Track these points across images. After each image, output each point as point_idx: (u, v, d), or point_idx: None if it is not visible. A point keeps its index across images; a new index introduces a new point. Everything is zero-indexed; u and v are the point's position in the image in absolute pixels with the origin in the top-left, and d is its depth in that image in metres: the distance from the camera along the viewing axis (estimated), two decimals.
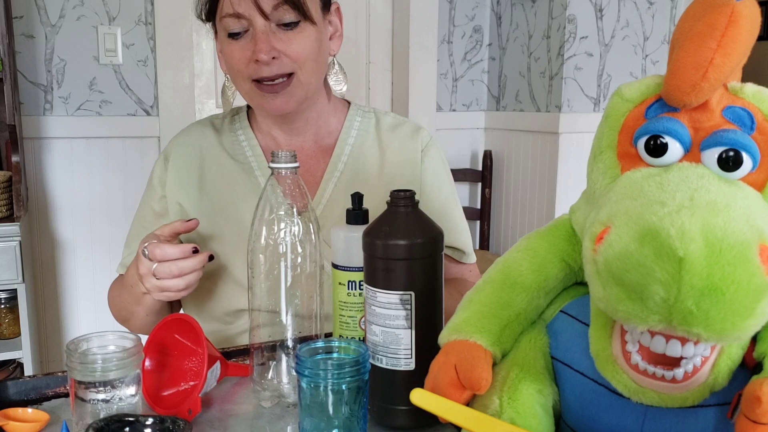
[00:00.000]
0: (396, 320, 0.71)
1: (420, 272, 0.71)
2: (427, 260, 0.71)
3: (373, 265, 0.72)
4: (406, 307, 0.71)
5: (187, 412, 0.72)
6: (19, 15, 2.17)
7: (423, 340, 0.71)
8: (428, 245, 0.71)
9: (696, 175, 0.52)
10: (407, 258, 0.70)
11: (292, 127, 1.09)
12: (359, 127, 1.13)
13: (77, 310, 2.38)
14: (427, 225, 0.73)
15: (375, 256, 0.72)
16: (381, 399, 0.73)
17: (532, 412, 0.60)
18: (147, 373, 0.77)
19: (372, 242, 0.72)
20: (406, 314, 0.71)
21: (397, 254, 0.70)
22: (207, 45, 2.49)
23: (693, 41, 0.52)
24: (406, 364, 0.71)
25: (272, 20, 0.97)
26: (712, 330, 0.47)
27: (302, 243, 0.78)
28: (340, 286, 0.86)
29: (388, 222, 0.72)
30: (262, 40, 0.97)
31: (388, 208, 0.73)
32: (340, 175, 1.09)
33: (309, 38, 1.00)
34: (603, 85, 2.47)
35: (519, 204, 2.67)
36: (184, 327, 0.79)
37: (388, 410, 0.73)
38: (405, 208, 0.73)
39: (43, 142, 2.26)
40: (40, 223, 2.29)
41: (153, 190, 1.12)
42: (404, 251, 0.70)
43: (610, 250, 0.50)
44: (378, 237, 0.72)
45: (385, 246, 0.71)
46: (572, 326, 0.64)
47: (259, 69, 0.98)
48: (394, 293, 0.71)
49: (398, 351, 0.71)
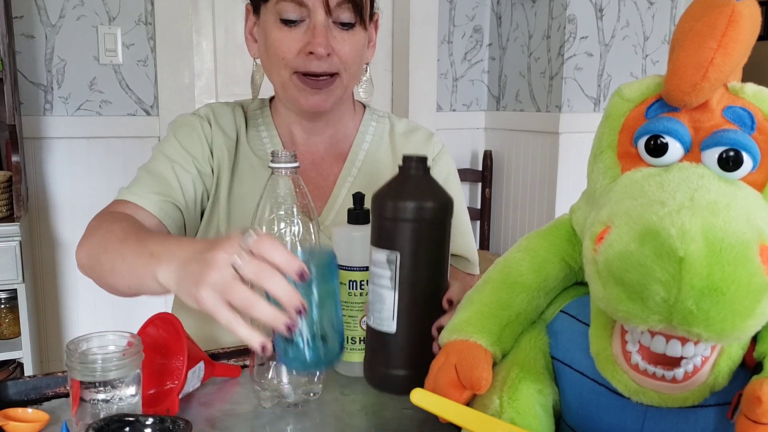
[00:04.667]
0: (382, 279, 0.72)
1: (409, 234, 0.71)
2: (418, 223, 0.71)
3: (373, 222, 0.74)
4: (391, 267, 0.71)
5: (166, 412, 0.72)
6: (19, 15, 2.17)
7: (406, 304, 0.72)
8: (420, 209, 0.71)
9: (696, 175, 0.52)
10: (395, 218, 0.71)
11: (313, 125, 1.08)
12: (374, 132, 1.13)
13: (77, 310, 2.38)
14: (428, 191, 0.73)
15: (374, 212, 0.74)
16: (368, 357, 0.76)
17: (532, 412, 0.60)
18: None
19: (373, 198, 0.74)
20: (390, 275, 0.71)
21: (386, 212, 0.72)
22: (207, 45, 2.49)
23: (693, 41, 0.52)
24: (387, 326, 0.73)
25: (332, 17, 0.97)
26: (712, 330, 0.47)
27: (302, 243, 0.78)
28: (340, 286, 0.86)
29: (393, 183, 0.74)
30: (322, 34, 0.96)
31: (398, 170, 0.75)
32: (354, 180, 1.09)
33: (359, 42, 1.00)
34: (603, 85, 2.47)
35: (519, 204, 2.67)
36: (168, 326, 0.79)
37: (372, 369, 0.76)
38: (413, 171, 0.73)
39: (43, 142, 2.26)
40: (40, 223, 2.29)
41: (191, 141, 1.02)
42: (392, 210, 0.71)
43: (610, 250, 0.50)
44: (378, 194, 0.74)
45: (380, 203, 0.73)
46: (572, 326, 0.64)
47: (310, 62, 0.97)
48: (382, 251, 0.72)
49: (382, 311, 0.72)
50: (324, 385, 0.83)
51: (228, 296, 0.63)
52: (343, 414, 0.78)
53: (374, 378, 0.76)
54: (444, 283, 0.76)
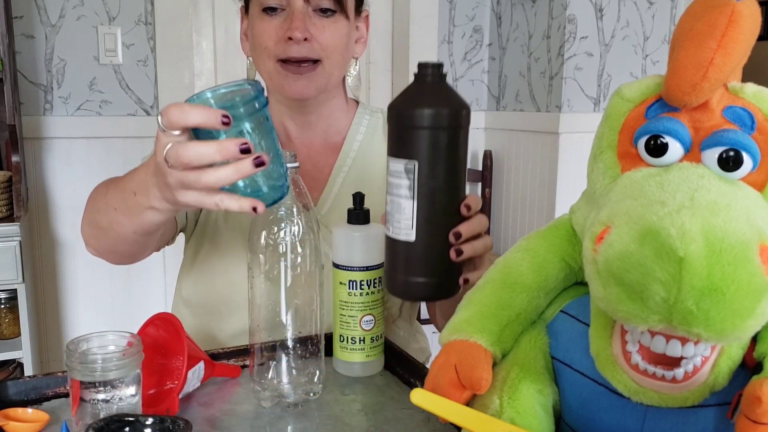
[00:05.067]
0: (400, 189, 0.71)
1: (427, 142, 0.70)
2: (435, 131, 0.70)
3: (390, 131, 0.73)
4: (409, 177, 0.70)
5: (166, 412, 0.72)
6: (19, 15, 2.17)
7: (425, 213, 0.71)
8: (437, 116, 0.70)
9: (696, 175, 0.52)
10: (413, 126, 0.70)
11: (305, 119, 1.10)
12: (368, 125, 1.15)
13: (77, 310, 2.38)
14: (444, 97, 0.72)
15: (390, 121, 0.72)
16: (389, 267, 0.75)
17: (532, 412, 0.60)
18: None
19: (389, 108, 0.72)
20: (408, 184, 0.71)
21: (403, 121, 0.71)
22: (207, 45, 2.49)
23: (693, 41, 0.52)
24: (406, 235, 0.72)
25: (311, 4, 0.99)
26: (712, 330, 0.47)
27: (302, 243, 0.78)
28: (340, 286, 0.86)
29: (409, 91, 0.73)
30: (299, 19, 0.98)
31: (414, 78, 0.73)
32: (348, 170, 1.11)
33: (340, 30, 1.02)
34: (603, 85, 2.47)
35: (519, 204, 2.67)
36: (168, 326, 0.79)
37: (392, 278, 0.75)
38: (429, 78, 0.72)
39: (43, 142, 2.26)
40: (40, 223, 2.29)
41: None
42: (409, 118, 0.70)
43: (610, 250, 0.50)
44: (394, 103, 0.72)
45: (396, 112, 0.71)
46: (572, 326, 0.64)
47: (289, 48, 0.99)
48: (399, 161, 0.71)
49: (401, 221, 0.72)
50: (324, 385, 0.83)
51: (197, 187, 0.66)
52: (343, 414, 0.78)
53: (395, 287, 0.75)
54: (461, 192, 0.74)
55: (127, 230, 0.84)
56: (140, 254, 0.96)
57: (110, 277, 2.39)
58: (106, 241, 0.90)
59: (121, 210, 0.82)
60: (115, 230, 0.85)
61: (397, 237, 0.72)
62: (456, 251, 0.72)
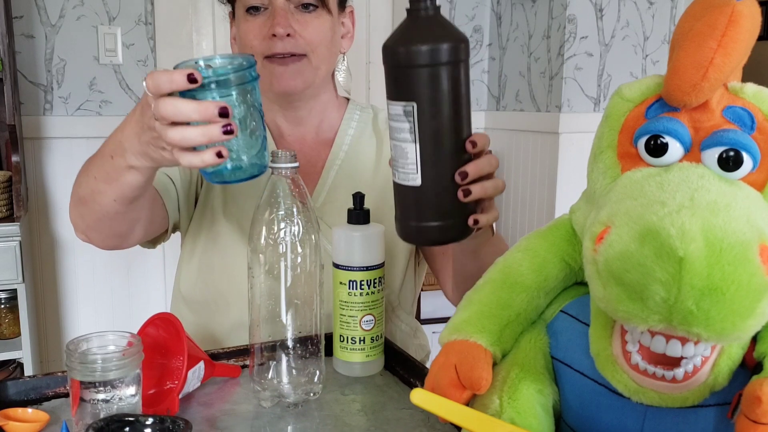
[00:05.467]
0: (401, 133, 0.69)
1: (423, 82, 0.67)
2: (431, 69, 0.66)
3: (386, 74, 0.70)
4: (409, 119, 0.68)
5: (166, 412, 0.72)
6: (19, 15, 2.17)
7: (429, 155, 0.69)
8: (434, 52, 0.66)
9: (696, 175, 0.52)
10: (407, 65, 0.67)
11: (297, 115, 1.11)
12: (359, 119, 1.16)
13: (77, 310, 2.38)
14: (439, 31, 0.67)
15: (385, 63, 0.69)
16: (399, 213, 0.74)
17: (532, 412, 0.60)
18: None
19: (384, 48, 0.69)
20: (409, 127, 0.69)
21: (398, 61, 0.67)
22: (207, 45, 2.49)
23: (693, 41, 0.52)
24: (413, 180, 0.70)
25: (292, 1, 1.01)
26: (712, 330, 0.47)
27: (302, 243, 0.78)
28: (340, 286, 0.86)
29: (402, 28, 0.69)
30: (281, 16, 1.00)
31: (407, 14, 0.69)
32: (341, 164, 1.12)
33: (324, 25, 1.03)
34: (603, 85, 2.47)
35: (519, 204, 2.67)
36: (168, 326, 0.79)
37: (404, 224, 0.73)
38: (422, 12, 0.67)
39: (43, 142, 2.26)
40: (40, 223, 2.29)
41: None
42: (404, 58, 0.67)
43: (610, 250, 0.50)
44: (387, 42, 0.69)
45: (390, 51, 0.68)
46: (572, 326, 0.64)
47: (274, 44, 1.00)
48: (397, 104, 0.69)
49: (405, 165, 0.70)
50: (324, 385, 0.83)
51: (170, 143, 0.67)
52: (343, 414, 0.78)
53: (407, 233, 0.74)
54: (465, 131, 0.71)
55: (108, 199, 0.83)
56: (128, 234, 0.95)
57: (110, 277, 2.39)
58: (90, 216, 0.89)
59: (101, 177, 0.82)
60: (98, 201, 0.85)
61: (404, 182, 0.70)
62: (464, 191, 0.70)
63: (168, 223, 1.05)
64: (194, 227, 1.10)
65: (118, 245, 0.97)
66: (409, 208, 0.72)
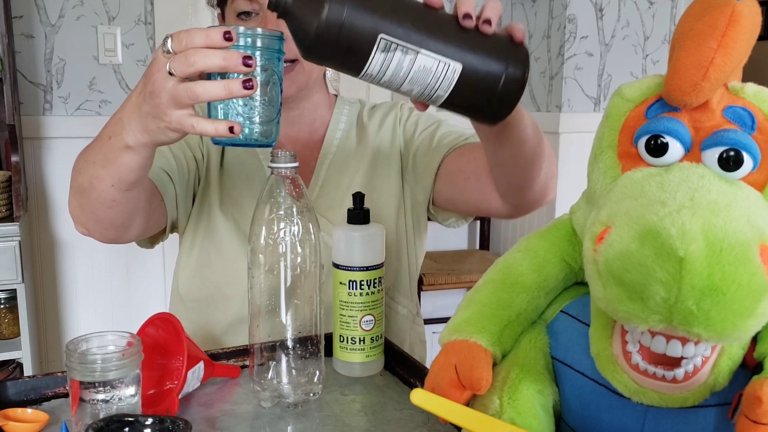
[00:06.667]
0: (405, 63, 0.65)
1: (355, 25, 0.62)
2: (337, 9, 0.61)
3: (344, 61, 0.65)
4: (393, 48, 0.64)
5: (165, 412, 0.72)
6: (19, 15, 2.17)
7: (434, 41, 0.64)
8: (327, 15, 0.61)
9: (697, 175, 0.52)
10: (338, 37, 0.62)
11: (289, 116, 1.12)
12: (348, 114, 1.18)
13: (77, 310, 2.38)
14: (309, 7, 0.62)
15: (334, 59, 0.65)
16: (480, 104, 0.69)
17: (533, 412, 0.60)
18: None
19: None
20: (401, 50, 0.64)
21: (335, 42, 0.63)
22: None
23: (694, 41, 0.52)
24: (452, 71, 0.66)
25: None
26: (712, 330, 0.47)
27: (302, 243, 0.78)
28: (340, 286, 0.86)
29: (295, 30, 0.65)
30: (272, 22, 0.99)
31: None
32: (333, 158, 1.13)
33: None
34: (603, 84, 2.47)
35: None
36: (168, 326, 0.79)
37: (489, 105, 0.69)
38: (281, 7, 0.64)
39: (43, 142, 2.26)
40: (40, 223, 2.29)
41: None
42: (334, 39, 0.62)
43: (610, 250, 0.50)
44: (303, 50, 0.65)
45: (322, 48, 0.63)
46: (572, 326, 0.64)
47: None
48: (371, 54, 0.63)
49: (437, 71, 0.65)
50: (324, 385, 0.83)
51: (185, 100, 0.66)
52: (343, 414, 0.78)
53: (498, 108, 0.69)
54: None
55: (106, 184, 0.82)
56: (126, 226, 0.93)
57: (110, 277, 2.39)
58: (88, 205, 0.88)
59: (99, 162, 0.81)
60: (95, 188, 0.84)
61: (453, 85, 0.66)
62: (484, 24, 0.66)
63: (166, 220, 1.05)
64: (192, 224, 1.10)
65: (117, 238, 0.96)
66: (480, 87, 0.66)
